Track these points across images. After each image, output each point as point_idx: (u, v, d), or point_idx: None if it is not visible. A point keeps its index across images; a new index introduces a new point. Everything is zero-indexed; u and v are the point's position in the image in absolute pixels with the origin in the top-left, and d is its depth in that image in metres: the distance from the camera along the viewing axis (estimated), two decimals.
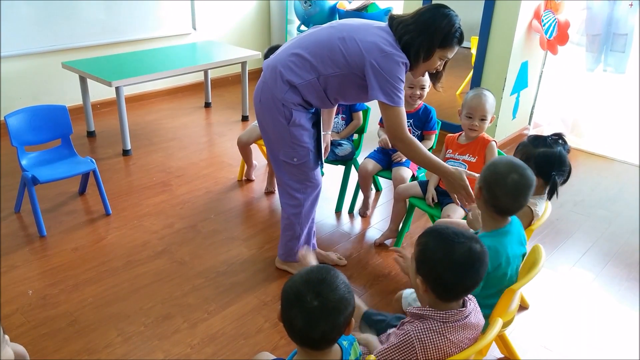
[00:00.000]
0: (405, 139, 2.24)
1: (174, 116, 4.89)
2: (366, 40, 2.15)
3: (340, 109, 3.27)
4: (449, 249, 1.45)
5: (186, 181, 3.68)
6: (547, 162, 2.10)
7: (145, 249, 2.90)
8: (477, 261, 1.46)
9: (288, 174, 2.45)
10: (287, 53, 2.27)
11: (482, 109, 2.55)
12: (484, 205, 1.86)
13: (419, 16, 2.16)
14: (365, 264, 2.87)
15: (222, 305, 2.51)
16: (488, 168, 1.86)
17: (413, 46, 2.14)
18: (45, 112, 3.10)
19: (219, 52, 4.77)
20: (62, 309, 2.44)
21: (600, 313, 2.58)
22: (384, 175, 3.14)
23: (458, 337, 1.49)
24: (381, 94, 2.14)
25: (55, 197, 3.38)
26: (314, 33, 2.30)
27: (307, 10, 5.35)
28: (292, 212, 2.54)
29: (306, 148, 2.36)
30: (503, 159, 1.90)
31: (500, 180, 1.79)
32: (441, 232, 1.49)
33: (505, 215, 1.86)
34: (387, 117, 2.21)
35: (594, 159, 4.32)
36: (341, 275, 1.31)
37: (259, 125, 2.48)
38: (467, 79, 4.79)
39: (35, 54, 4.37)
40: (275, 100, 2.27)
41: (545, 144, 2.17)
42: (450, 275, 1.45)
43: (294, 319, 1.26)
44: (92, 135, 4.37)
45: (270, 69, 2.30)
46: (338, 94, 2.29)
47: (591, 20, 4.24)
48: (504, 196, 1.79)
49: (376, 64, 2.12)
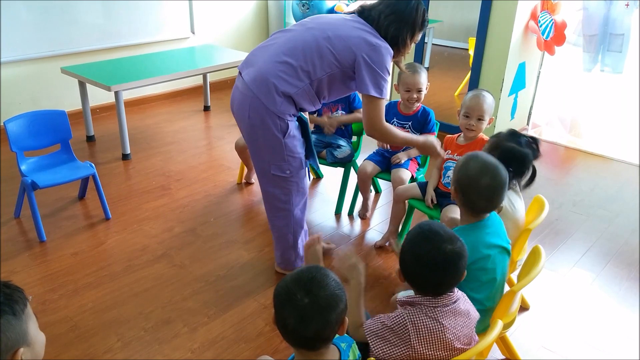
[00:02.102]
0: (382, 128, 2.34)
1: (173, 120, 4.90)
2: (352, 36, 2.20)
3: (339, 106, 3.28)
4: (418, 248, 1.52)
5: (185, 185, 3.68)
6: (509, 157, 2.10)
7: (145, 253, 2.90)
8: (446, 261, 1.49)
9: (278, 188, 2.40)
10: (273, 62, 2.21)
11: (480, 108, 2.55)
12: (461, 205, 1.90)
13: (394, 6, 2.25)
14: (365, 266, 2.86)
15: (222, 309, 2.51)
16: (460, 170, 1.87)
17: (400, 36, 2.25)
18: (44, 117, 3.10)
19: (217, 56, 4.78)
20: (62, 314, 2.44)
21: (601, 313, 2.58)
22: (383, 177, 3.14)
23: (450, 322, 1.52)
24: (372, 87, 2.20)
25: (55, 202, 3.38)
26: (294, 38, 2.24)
27: (305, 13, 5.35)
28: (281, 224, 2.52)
29: (298, 158, 2.35)
30: (474, 159, 1.88)
31: (473, 184, 1.82)
32: (417, 232, 1.55)
33: (483, 214, 1.88)
34: (371, 109, 2.27)
35: (593, 159, 4.32)
36: (331, 274, 1.35)
37: (245, 141, 2.40)
38: (465, 80, 4.80)
39: (35, 59, 4.38)
40: (270, 114, 2.21)
41: (517, 141, 2.19)
42: (420, 272, 1.52)
43: (286, 318, 1.28)
44: (91, 140, 4.38)
45: (258, 82, 2.21)
46: (327, 92, 2.33)
47: (588, 20, 4.25)
48: (479, 198, 1.83)
49: (367, 58, 2.17)
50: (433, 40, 5.25)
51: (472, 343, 1.60)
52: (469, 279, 1.77)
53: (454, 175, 1.90)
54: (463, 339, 1.55)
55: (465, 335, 1.56)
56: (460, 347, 1.54)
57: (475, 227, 1.86)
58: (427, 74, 2.99)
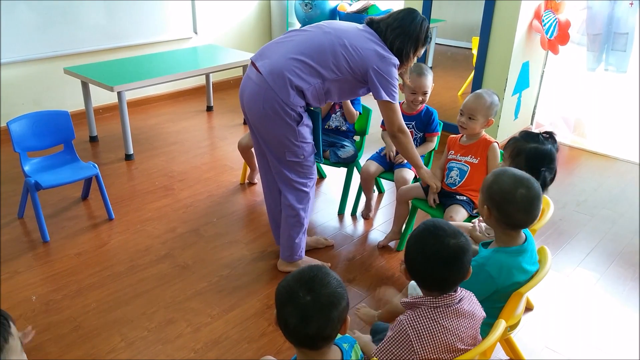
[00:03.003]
0: (404, 130, 2.55)
1: (176, 120, 4.90)
2: (365, 48, 2.36)
3: (337, 106, 3.28)
4: (423, 243, 1.51)
5: (188, 185, 3.68)
6: (537, 158, 2.07)
7: (148, 254, 2.90)
8: (451, 256, 1.48)
9: (294, 172, 2.51)
10: (289, 58, 2.32)
11: (471, 107, 2.56)
12: (495, 223, 1.80)
13: (401, 20, 2.41)
14: (369, 266, 2.86)
15: (225, 309, 2.50)
16: (491, 187, 1.78)
17: (405, 49, 2.41)
18: (47, 117, 3.10)
19: (220, 56, 4.78)
20: (66, 314, 2.44)
21: (605, 314, 2.57)
22: (386, 177, 3.14)
23: (452, 324, 1.50)
24: (385, 94, 2.39)
25: (58, 203, 3.38)
26: (312, 38, 2.38)
27: (308, 13, 5.36)
28: (301, 207, 2.59)
29: (310, 144, 2.48)
30: (504, 174, 1.81)
31: (509, 198, 1.73)
32: (422, 228, 1.55)
33: (520, 229, 1.82)
34: (389, 113, 2.47)
35: (597, 159, 4.31)
36: (332, 272, 1.35)
37: (255, 131, 2.48)
38: (468, 79, 4.79)
39: (37, 60, 4.38)
40: (282, 105, 2.31)
41: (537, 140, 2.15)
42: (425, 268, 1.51)
43: (288, 316, 1.28)
44: (94, 140, 4.38)
45: (274, 75, 2.31)
46: (335, 94, 2.46)
47: (591, 19, 4.24)
48: (517, 212, 1.74)
49: (378, 69, 2.35)
50: (436, 39, 5.24)
51: (476, 344, 1.59)
52: (499, 299, 1.79)
53: (483, 194, 1.80)
54: (467, 339, 1.54)
55: (470, 336, 1.55)
56: (463, 348, 1.53)
57: (518, 252, 1.79)
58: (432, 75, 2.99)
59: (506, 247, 1.79)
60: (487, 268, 1.74)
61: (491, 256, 1.77)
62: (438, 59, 5.26)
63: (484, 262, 1.76)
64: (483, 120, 2.56)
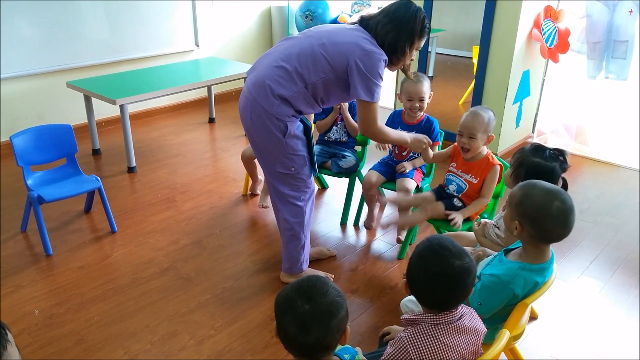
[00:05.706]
0: (375, 130, 2.43)
1: (178, 132, 4.92)
2: (346, 42, 2.27)
3: (339, 118, 3.29)
4: (426, 262, 1.49)
5: (191, 197, 3.69)
6: (537, 173, 2.03)
7: (151, 266, 2.90)
8: (454, 277, 1.45)
9: (287, 185, 2.47)
10: (270, 67, 2.31)
11: (469, 126, 2.50)
12: (529, 239, 1.75)
13: (392, 14, 2.30)
14: (372, 276, 2.85)
15: (228, 321, 2.50)
16: (523, 202, 1.71)
17: (398, 44, 2.29)
18: (50, 131, 3.12)
19: (222, 68, 4.80)
20: (69, 328, 2.44)
21: (609, 322, 2.55)
22: (388, 187, 3.13)
23: (453, 341, 1.48)
24: (363, 92, 2.26)
25: (61, 216, 3.39)
26: (293, 45, 2.34)
27: (308, 25, 5.39)
28: (295, 221, 2.55)
29: (302, 156, 2.43)
30: (534, 188, 1.74)
31: (545, 212, 1.68)
32: (426, 246, 1.52)
33: (555, 242, 1.79)
34: (365, 113, 2.35)
35: (599, 166, 4.30)
36: (331, 282, 1.35)
37: (250, 142, 2.49)
38: (469, 88, 4.80)
39: (40, 74, 4.42)
40: (268, 115, 2.29)
41: (543, 155, 2.14)
42: (427, 287, 1.48)
43: (287, 326, 1.28)
44: (97, 153, 4.40)
45: (257, 86, 2.31)
46: (325, 96, 2.38)
47: (591, 27, 4.25)
48: (555, 227, 1.70)
49: (360, 63, 2.23)
50: (437, 49, 5.26)
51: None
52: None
53: (514, 210, 1.74)
54: (468, 356, 1.53)
55: (471, 352, 1.53)
56: None
57: (544, 269, 1.78)
58: (431, 83, 2.99)
59: (533, 264, 1.75)
60: (511, 286, 1.72)
61: (517, 274, 1.73)
62: (439, 69, 5.28)
63: (510, 280, 1.72)
64: (483, 137, 2.53)
